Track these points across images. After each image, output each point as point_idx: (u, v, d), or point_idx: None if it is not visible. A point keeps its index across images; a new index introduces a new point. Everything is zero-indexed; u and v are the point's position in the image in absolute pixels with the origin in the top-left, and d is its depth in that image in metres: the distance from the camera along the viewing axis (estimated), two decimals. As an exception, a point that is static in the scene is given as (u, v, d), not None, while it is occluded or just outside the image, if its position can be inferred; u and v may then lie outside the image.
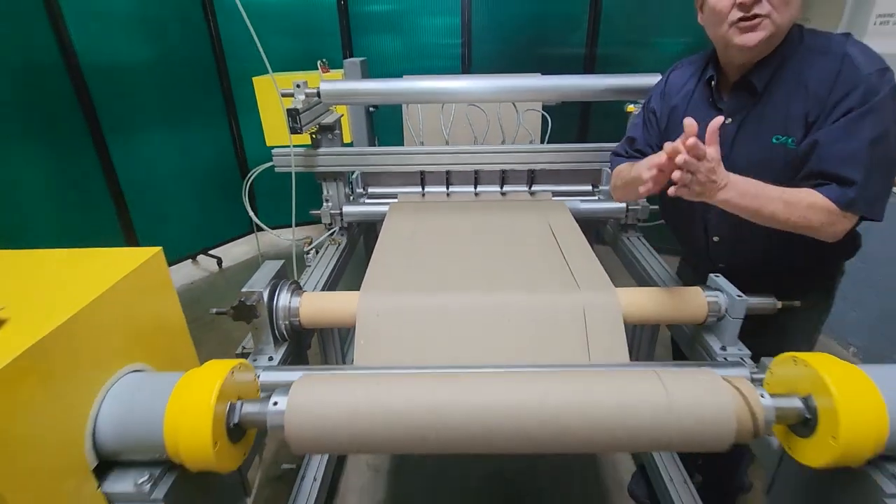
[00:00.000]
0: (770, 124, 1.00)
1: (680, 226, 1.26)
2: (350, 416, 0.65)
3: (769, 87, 1.00)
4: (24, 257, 0.77)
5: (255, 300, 0.98)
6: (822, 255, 1.08)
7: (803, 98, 0.96)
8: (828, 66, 0.94)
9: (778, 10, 0.92)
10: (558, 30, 3.16)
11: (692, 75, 1.14)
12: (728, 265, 1.16)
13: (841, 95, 0.91)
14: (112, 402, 0.66)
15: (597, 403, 0.64)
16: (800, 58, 0.98)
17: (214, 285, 3.14)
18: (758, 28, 0.94)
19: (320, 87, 1.48)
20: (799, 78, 0.97)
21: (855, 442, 0.61)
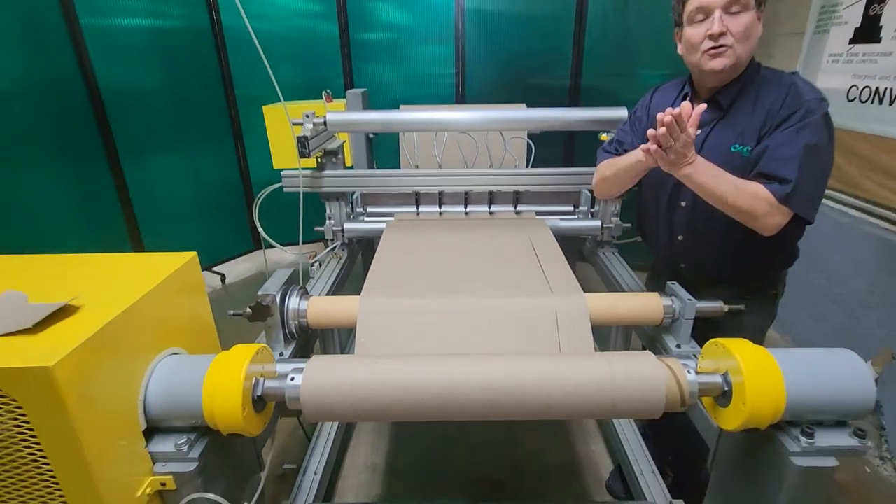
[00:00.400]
0: (730, 135, 1.21)
1: (650, 228, 1.45)
2: (353, 388, 0.80)
3: (732, 105, 1.22)
4: (85, 259, 0.92)
5: (269, 301, 1.13)
6: (766, 260, 1.27)
7: (758, 114, 1.17)
8: (778, 92, 1.16)
9: (739, 42, 1.14)
10: (545, 62, 3.39)
11: (673, 94, 1.36)
12: (688, 264, 1.35)
13: (787, 114, 1.12)
14: (158, 377, 0.81)
15: (556, 378, 0.79)
16: (757, 85, 1.20)
17: (219, 300, 3.27)
18: (724, 55, 1.15)
19: (327, 117, 1.66)
20: (756, 100, 1.18)
21: (759, 406, 0.76)
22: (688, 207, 1.29)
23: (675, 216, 1.32)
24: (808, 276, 2.39)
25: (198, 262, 0.96)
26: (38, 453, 0.66)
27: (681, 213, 1.30)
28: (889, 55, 2.05)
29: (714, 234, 1.26)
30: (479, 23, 3.36)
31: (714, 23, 1.12)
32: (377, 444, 2.05)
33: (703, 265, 1.33)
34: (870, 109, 2.14)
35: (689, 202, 1.29)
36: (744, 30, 1.12)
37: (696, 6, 1.15)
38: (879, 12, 2.10)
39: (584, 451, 1.99)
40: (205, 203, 3.39)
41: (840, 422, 0.83)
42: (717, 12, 1.12)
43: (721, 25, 1.12)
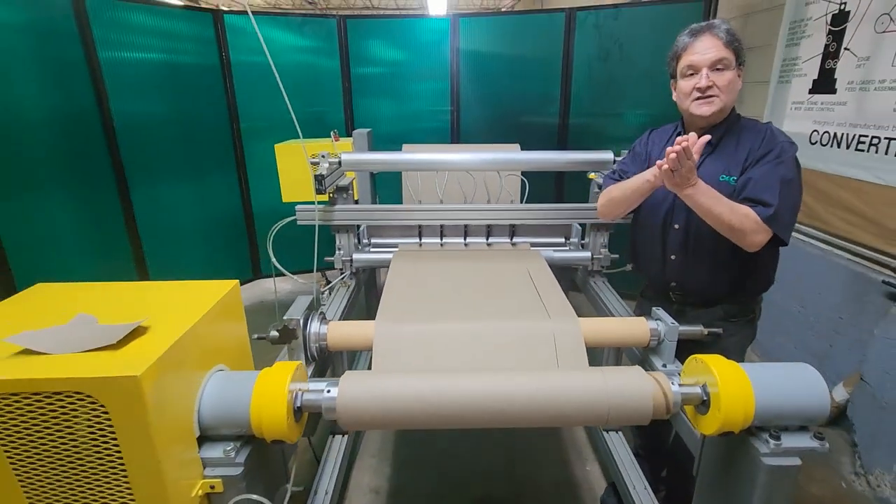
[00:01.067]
0: (718, 167, 1.40)
1: (643, 249, 1.60)
2: (384, 398, 0.91)
3: (719, 143, 1.41)
4: (141, 286, 1.04)
5: (295, 325, 1.25)
6: (747, 283, 1.45)
7: (741, 151, 1.37)
8: (756, 135, 1.38)
9: (724, 93, 1.34)
10: (535, 103, 3.63)
11: (668, 136, 1.56)
12: (679, 284, 1.50)
13: (765, 151, 1.33)
14: (210, 390, 0.91)
15: (560, 388, 0.92)
16: (738, 129, 1.41)
17: (217, 328, 3.33)
18: (711, 103, 1.35)
19: (342, 158, 1.81)
20: (738, 141, 1.39)
21: (731, 412, 0.89)
22: (681, 229, 1.46)
23: (668, 237, 1.48)
24: (785, 304, 2.56)
25: (239, 290, 1.08)
26: (116, 455, 0.76)
27: (674, 234, 1.47)
28: (844, 104, 2.29)
29: (703, 254, 1.43)
30: (473, 63, 3.61)
31: (702, 78, 1.33)
32: (380, 468, 2.11)
33: (692, 284, 1.48)
34: (830, 152, 2.36)
35: (681, 225, 1.45)
36: (726, 84, 1.33)
37: (686, 64, 1.36)
38: (834, 66, 2.35)
39: (580, 471, 2.08)
40: (208, 233, 3.50)
41: (802, 427, 0.96)
42: (704, 70, 1.33)
43: (707, 80, 1.33)
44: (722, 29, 1.34)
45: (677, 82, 1.43)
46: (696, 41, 1.35)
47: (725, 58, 1.32)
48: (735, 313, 1.48)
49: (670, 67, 1.45)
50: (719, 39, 1.32)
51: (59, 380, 0.72)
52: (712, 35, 1.33)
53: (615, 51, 3.30)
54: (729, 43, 1.32)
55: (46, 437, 0.74)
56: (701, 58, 1.33)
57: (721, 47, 1.32)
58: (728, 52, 1.32)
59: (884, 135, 2.08)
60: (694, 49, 1.35)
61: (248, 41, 3.41)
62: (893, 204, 2.05)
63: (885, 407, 1.97)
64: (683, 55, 1.38)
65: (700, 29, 1.36)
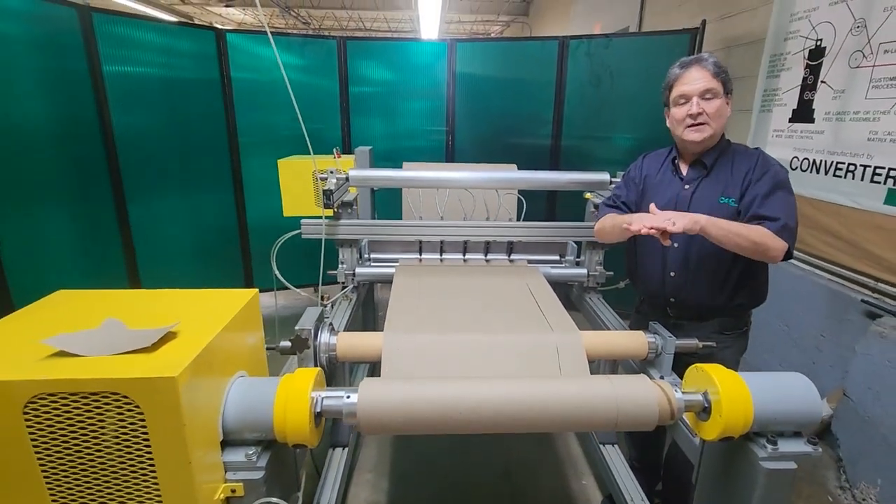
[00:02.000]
0: (716, 189, 1.48)
1: (643, 265, 1.66)
2: (402, 404, 0.94)
3: (714, 166, 1.50)
4: (165, 294, 1.07)
5: (307, 335, 1.27)
6: (743, 296, 1.53)
7: (736, 175, 1.46)
8: (750, 158, 1.48)
9: (713, 119, 1.44)
10: (529, 125, 3.75)
11: (660, 159, 1.64)
12: (677, 299, 1.56)
13: (761, 173, 1.43)
14: (233, 394, 0.94)
15: (572, 394, 0.96)
16: (731, 154, 1.51)
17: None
18: (702, 129, 1.45)
19: (350, 174, 1.87)
20: (732, 164, 1.49)
21: (732, 418, 0.94)
22: (680, 247, 1.53)
23: (668, 255, 1.56)
24: (770, 322, 2.65)
25: (258, 299, 1.11)
26: (147, 457, 0.78)
27: (673, 252, 1.54)
28: (822, 133, 2.43)
29: (702, 271, 1.50)
30: (468, 86, 3.72)
31: (692, 106, 1.43)
32: (378, 483, 2.11)
33: (691, 299, 1.55)
34: (810, 177, 2.49)
35: (680, 243, 1.52)
36: (715, 111, 1.43)
37: (678, 93, 1.47)
38: (812, 97, 2.50)
39: (576, 485, 2.11)
40: (202, 247, 3.50)
41: (797, 433, 1.01)
42: (695, 98, 1.43)
43: (698, 107, 1.43)
44: (710, 61, 1.45)
45: (670, 110, 1.53)
46: (686, 72, 1.46)
47: (714, 87, 1.42)
48: (730, 326, 1.56)
49: (664, 97, 1.56)
50: (707, 71, 1.43)
51: (97, 380, 0.74)
52: (701, 67, 1.44)
53: (606, 77, 3.45)
54: (716, 74, 1.43)
55: (80, 438, 0.76)
56: (691, 87, 1.43)
57: (709, 78, 1.42)
58: (716, 82, 1.42)
59: (859, 162, 2.21)
60: (684, 80, 1.45)
61: (247, 59, 3.47)
62: (870, 227, 2.17)
63: (868, 421, 2.05)
64: (675, 85, 1.48)
65: (690, 62, 1.47)
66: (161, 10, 9.51)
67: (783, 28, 2.69)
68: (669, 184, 1.57)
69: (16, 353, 0.80)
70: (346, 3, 10.37)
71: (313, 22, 12.67)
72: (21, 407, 0.74)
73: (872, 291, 2.21)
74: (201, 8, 11.01)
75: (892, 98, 2.06)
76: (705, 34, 3.14)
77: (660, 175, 1.62)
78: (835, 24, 2.36)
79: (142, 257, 3.11)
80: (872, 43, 2.15)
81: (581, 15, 6.77)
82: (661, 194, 1.57)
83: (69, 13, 2.62)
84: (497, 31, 13.29)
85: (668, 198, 1.55)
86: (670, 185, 1.57)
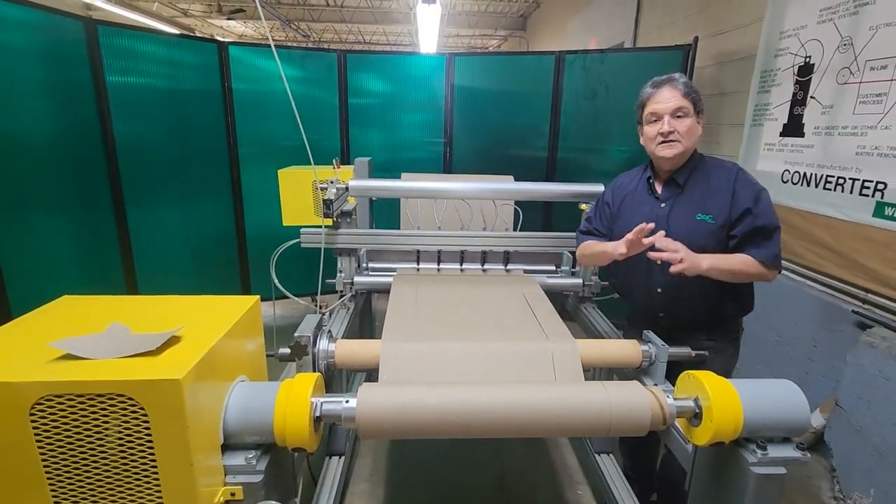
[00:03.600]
0: (692, 207, 1.51)
1: (629, 283, 1.68)
2: (401, 408, 0.96)
3: (687, 183, 1.53)
4: (168, 300, 1.09)
5: (306, 342, 1.29)
6: (731, 308, 1.56)
7: (714, 191, 1.48)
8: (726, 174, 1.50)
9: (684, 137, 1.47)
10: (526, 136, 3.80)
11: (636, 178, 1.68)
12: (666, 314, 1.59)
13: (748, 195, 1.44)
14: (234, 398, 0.95)
15: (567, 400, 0.99)
16: (704, 168, 1.54)
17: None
18: (673, 146, 1.48)
19: (349, 184, 1.90)
20: (707, 179, 1.51)
21: (723, 423, 0.96)
22: (665, 265, 1.52)
23: (653, 273, 1.57)
24: (763, 333, 2.68)
25: (260, 306, 1.13)
26: (150, 459, 0.80)
27: (658, 271, 1.55)
28: (812, 147, 2.48)
29: (688, 286, 1.51)
30: (466, 98, 3.77)
31: (664, 124, 1.47)
32: (374, 492, 2.11)
33: (679, 314, 1.57)
34: (801, 190, 2.54)
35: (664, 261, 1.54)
36: (686, 130, 1.47)
37: (650, 111, 1.51)
38: (801, 112, 2.55)
39: (571, 494, 2.11)
40: (200, 255, 3.52)
41: (786, 439, 1.04)
42: (666, 117, 1.47)
43: (669, 126, 1.47)
44: (680, 82, 1.49)
45: (643, 128, 1.57)
46: (658, 92, 1.50)
47: (684, 106, 1.46)
48: (720, 334, 1.58)
49: (637, 115, 1.60)
50: (678, 91, 1.47)
51: (103, 382, 0.76)
52: (672, 87, 1.48)
53: (602, 91, 3.51)
54: (686, 94, 1.47)
55: (85, 440, 0.78)
56: (663, 106, 1.47)
57: (680, 97, 1.46)
58: (686, 101, 1.46)
59: (848, 175, 2.26)
60: (656, 99, 1.49)
61: (248, 71, 3.52)
62: (859, 239, 2.22)
63: (860, 431, 2.07)
64: (648, 104, 1.52)
65: (662, 81, 1.51)
66: (163, 22, 9.62)
67: (773, 45, 2.76)
68: (644, 202, 1.59)
69: (23, 356, 0.82)
70: (346, 17, 10.51)
71: (313, 35, 12.83)
72: (28, 408, 0.75)
73: (863, 302, 2.24)
74: (202, 20, 11.13)
75: (878, 114, 2.11)
76: (698, 50, 3.21)
77: (636, 194, 1.65)
78: (822, 41, 2.42)
79: (140, 266, 3.12)
80: (859, 60, 2.21)
81: (577, 30, 6.89)
82: (637, 213, 1.58)
83: (75, 25, 2.66)
84: (495, 45, 13.48)
85: (643, 216, 1.55)
86: (645, 204, 1.59)
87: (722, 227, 1.46)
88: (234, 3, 9.35)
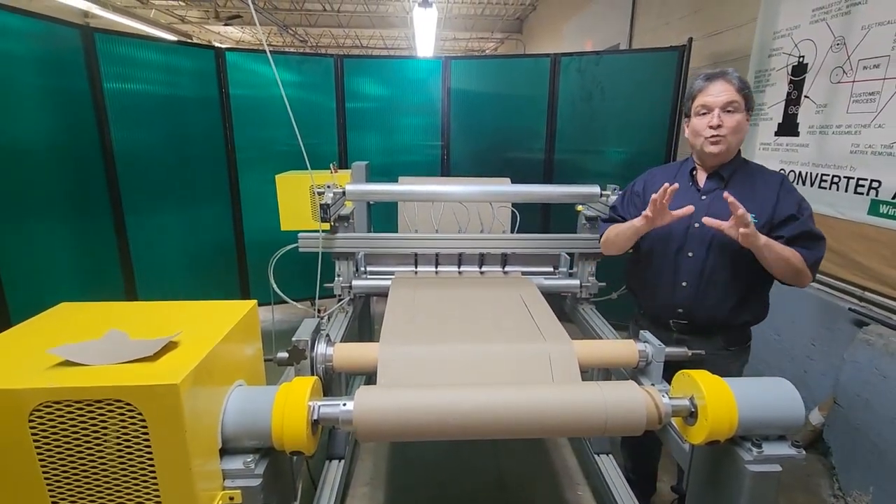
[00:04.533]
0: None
1: (652, 275, 1.65)
2: (399, 411, 0.97)
3: (732, 179, 1.52)
4: (165, 306, 1.09)
5: (303, 346, 1.30)
6: (750, 310, 1.56)
7: (759, 196, 1.47)
8: (771, 179, 1.51)
9: (732, 133, 1.47)
10: (523, 139, 3.82)
11: (672, 171, 1.67)
12: (686, 310, 1.57)
13: (792, 203, 1.45)
14: (232, 403, 0.96)
15: (563, 400, 0.99)
16: (748, 169, 1.55)
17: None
18: (720, 143, 1.48)
19: (346, 188, 1.91)
20: (751, 180, 1.52)
21: (718, 421, 0.97)
22: (695, 258, 1.54)
23: (681, 265, 1.56)
24: (763, 332, 2.68)
25: (257, 310, 1.13)
26: (149, 464, 0.80)
27: (688, 262, 1.54)
28: (806, 146, 2.49)
29: (715, 282, 1.51)
30: (462, 102, 3.79)
31: (714, 118, 1.46)
32: (374, 495, 2.11)
33: (700, 309, 1.55)
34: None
35: (696, 253, 1.53)
36: (735, 125, 1.46)
37: (701, 103, 1.50)
38: (796, 112, 2.57)
39: (571, 496, 2.11)
40: (199, 261, 3.52)
41: (781, 437, 1.04)
42: (717, 110, 1.46)
43: (719, 119, 1.46)
44: (735, 76, 1.48)
45: (691, 120, 1.55)
46: (711, 84, 1.48)
47: (736, 101, 1.45)
48: (734, 341, 1.58)
49: (686, 107, 1.59)
50: (732, 85, 1.46)
51: (101, 388, 0.76)
52: (726, 80, 1.46)
53: (597, 92, 3.53)
54: (740, 89, 1.46)
55: (83, 446, 0.78)
56: (714, 99, 1.46)
57: (733, 91, 1.45)
58: (739, 96, 1.45)
59: (842, 174, 2.27)
60: (708, 91, 1.48)
61: (246, 76, 3.54)
62: (855, 237, 2.23)
63: (859, 429, 2.07)
64: (699, 96, 1.51)
65: (715, 74, 1.49)
66: (161, 29, 9.65)
67: (767, 45, 2.77)
68: (685, 193, 1.55)
69: (21, 363, 0.83)
70: (343, 22, 10.55)
71: (310, 40, 12.87)
72: (27, 415, 0.76)
73: (860, 300, 2.25)
74: (200, 27, 11.17)
75: (871, 112, 2.13)
76: (692, 51, 3.23)
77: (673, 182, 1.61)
78: (816, 41, 2.44)
79: (139, 272, 3.13)
80: (852, 59, 2.23)
81: (573, 32, 6.92)
82: (675, 202, 1.54)
83: (72, 33, 2.68)
84: (492, 47, 13.52)
85: (682, 205, 1.51)
86: (686, 194, 1.55)
87: (763, 226, 1.44)
88: (231, 9, 9.38)
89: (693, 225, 1.53)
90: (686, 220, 1.51)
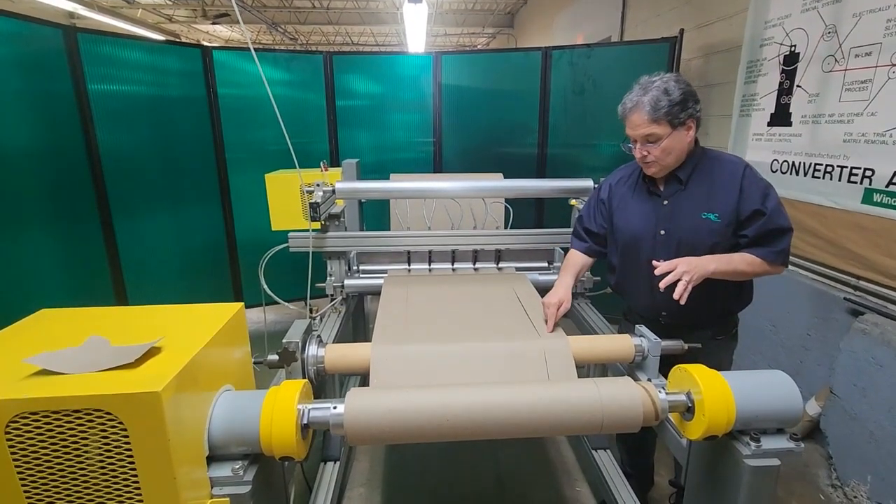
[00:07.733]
0: (696, 204, 1.47)
1: (628, 283, 1.65)
2: (389, 413, 0.95)
3: (690, 179, 1.49)
4: (150, 310, 1.07)
5: (294, 347, 1.27)
6: (733, 303, 1.55)
7: (719, 189, 1.44)
8: (732, 170, 1.45)
9: (660, 159, 1.44)
10: (515, 134, 3.79)
11: (632, 173, 1.64)
12: (669, 312, 1.56)
13: (756, 194, 1.41)
14: (219, 408, 0.93)
15: (558, 398, 0.97)
16: (707, 163, 1.49)
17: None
18: (653, 166, 1.47)
19: (336, 186, 1.88)
20: (710, 178, 1.47)
21: (715, 416, 0.95)
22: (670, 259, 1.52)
23: (655, 272, 1.53)
24: (758, 324, 2.68)
25: (244, 312, 1.11)
26: (131, 474, 0.78)
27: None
28: (799, 136, 2.48)
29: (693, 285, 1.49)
30: (454, 97, 3.76)
31: (636, 150, 1.46)
32: (371, 496, 2.09)
33: (682, 312, 1.50)
34: (790, 179, 2.54)
35: (665, 259, 1.48)
36: (660, 152, 1.43)
37: (628, 134, 1.49)
38: (788, 102, 2.56)
39: (570, 492, 2.10)
40: (189, 264, 3.48)
41: (779, 430, 1.03)
42: (638, 143, 1.45)
43: (641, 152, 1.45)
44: (646, 107, 1.39)
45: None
46: (630, 116, 1.46)
47: (653, 132, 1.41)
48: (721, 331, 1.58)
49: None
50: (645, 117, 1.40)
51: (79, 397, 0.74)
52: (639, 113, 1.41)
53: (589, 86, 3.51)
54: (655, 119, 1.39)
55: (63, 457, 0.76)
56: (633, 132, 1.46)
57: (647, 124, 1.40)
58: (654, 126, 1.40)
59: (836, 163, 2.26)
60: (628, 123, 1.47)
61: (234, 76, 3.49)
62: (849, 226, 2.22)
63: (855, 418, 2.07)
64: (625, 123, 1.49)
65: (630, 108, 1.45)
66: (149, 29, 9.54)
67: (758, 35, 2.76)
68: (646, 200, 1.55)
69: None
70: (333, 19, 10.46)
71: (300, 38, 12.77)
72: (2, 427, 0.73)
73: (854, 289, 2.25)
74: (188, 26, 11.05)
75: (863, 100, 2.12)
76: (683, 42, 3.21)
77: (634, 190, 1.61)
78: (807, 30, 2.43)
79: (129, 275, 3.08)
80: (843, 48, 2.22)
81: (564, 26, 6.89)
82: (636, 211, 1.56)
83: (55, 34, 2.62)
84: (483, 42, 13.47)
85: (644, 213, 1.53)
86: (647, 201, 1.55)
87: (728, 225, 1.43)
88: (218, 7, 9.28)
89: (659, 232, 1.51)
90: (652, 227, 1.51)
